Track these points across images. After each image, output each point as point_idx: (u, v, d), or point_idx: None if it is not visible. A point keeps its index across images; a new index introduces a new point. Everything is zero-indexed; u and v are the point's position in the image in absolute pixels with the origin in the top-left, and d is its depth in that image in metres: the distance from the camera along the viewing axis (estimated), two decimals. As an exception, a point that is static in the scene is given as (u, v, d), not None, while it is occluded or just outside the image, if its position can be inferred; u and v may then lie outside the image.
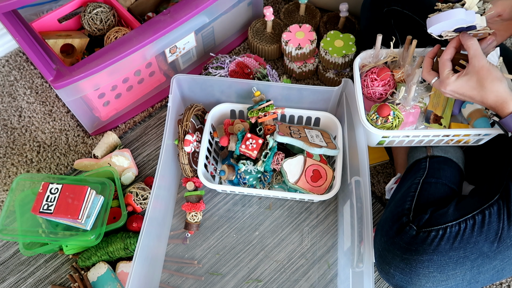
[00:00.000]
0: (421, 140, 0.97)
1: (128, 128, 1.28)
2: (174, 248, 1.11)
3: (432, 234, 0.84)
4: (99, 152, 1.18)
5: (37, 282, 1.07)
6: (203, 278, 1.07)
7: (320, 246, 1.11)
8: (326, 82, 1.33)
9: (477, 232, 0.83)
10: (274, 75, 1.27)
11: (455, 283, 0.83)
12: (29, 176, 1.10)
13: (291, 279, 1.07)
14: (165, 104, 1.32)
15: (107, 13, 1.23)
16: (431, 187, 0.95)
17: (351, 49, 1.23)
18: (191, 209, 1.09)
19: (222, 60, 1.28)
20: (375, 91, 0.98)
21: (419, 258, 0.83)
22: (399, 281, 0.86)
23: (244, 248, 1.11)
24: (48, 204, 0.96)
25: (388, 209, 0.97)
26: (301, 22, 1.38)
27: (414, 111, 0.96)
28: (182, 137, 1.06)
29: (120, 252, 1.04)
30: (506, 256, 0.83)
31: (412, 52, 0.95)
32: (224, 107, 1.14)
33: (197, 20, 1.15)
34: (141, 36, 1.09)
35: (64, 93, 1.07)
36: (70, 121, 1.29)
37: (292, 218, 1.14)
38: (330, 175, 1.07)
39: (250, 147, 1.05)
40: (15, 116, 1.29)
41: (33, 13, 1.36)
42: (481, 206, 0.85)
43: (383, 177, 1.20)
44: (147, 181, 1.17)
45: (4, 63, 1.38)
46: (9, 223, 1.02)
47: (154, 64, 1.23)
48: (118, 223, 1.04)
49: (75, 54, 1.25)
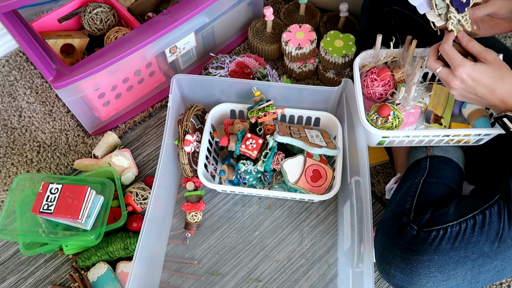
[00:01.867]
0: (421, 140, 0.97)
1: (128, 128, 1.28)
2: (174, 248, 1.11)
3: (433, 234, 0.84)
4: (99, 152, 1.18)
5: (37, 282, 1.07)
6: (203, 278, 1.07)
7: (320, 246, 1.11)
8: (326, 82, 1.33)
9: (478, 232, 0.83)
10: (274, 75, 1.27)
11: (456, 283, 0.83)
12: (29, 176, 1.10)
13: (291, 279, 1.07)
14: (165, 104, 1.32)
15: (107, 13, 1.23)
16: (431, 187, 0.95)
17: (351, 49, 1.23)
18: (191, 209, 1.08)
19: (222, 60, 1.28)
20: (375, 91, 0.98)
21: (420, 258, 0.83)
22: (400, 281, 0.86)
23: (244, 248, 1.11)
24: (48, 204, 0.96)
25: (388, 209, 0.97)
26: (301, 22, 1.38)
27: (414, 111, 0.96)
28: (182, 137, 1.06)
29: (120, 252, 1.04)
30: (506, 256, 0.83)
31: (412, 52, 0.95)
32: (224, 107, 1.14)
33: (197, 20, 1.15)
34: (141, 36, 1.09)
35: (64, 93, 1.07)
36: (70, 121, 1.29)
37: (292, 218, 1.14)
38: (330, 175, 1.07)
39: (250, 147, 1.05)
40: (15, 116, 1.29)
41: (33, 13, 1.36)
42: (482, 206, 0.85)
43: (383, 177, 1.20)
44: (147, 181, 1.17)
45: (4, 63, 1.38)
46: (9, 223, 1.02)
47: (154, 64, 1.23)
48: (118, 223, 1.04)
49: (75, 54, 1.25)
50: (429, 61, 0.87)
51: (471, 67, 0.80)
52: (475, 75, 0.81)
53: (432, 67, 0.86)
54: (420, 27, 1.10)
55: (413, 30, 1.09)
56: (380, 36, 0.95)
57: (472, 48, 0.83)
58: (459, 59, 0.81)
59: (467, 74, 0.81)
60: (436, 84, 1.01)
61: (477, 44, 0.82)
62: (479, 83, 0.81)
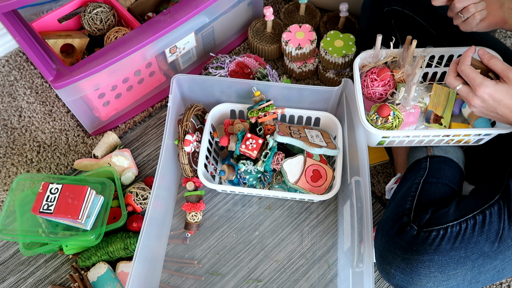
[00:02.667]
0: (421, 140, 0.97)
1: (128, 128, 1.28)
2: (174, 248, 1.11)
3: (433, 234, 0.84)
4: (99, 152, 1.18)
5: (37, 282, 1.07)
6: (203, 278, 1.07)
7: (320, 246, 1.11)
8: (326, 82, 1.33)
9: (478, 232, 0.83)
10: (274, 75, 1.27)
11: (456, 283, 0.83)
12: (29, 176, 1.10)
13: (291, 279, 1.07)
14: (165, 104, 1.32)
15: (107, 13, 1.23)
16: (431, 187, 0.95)
17: (351, 49, 1.23)
18: (191, 209, 1.08)
19: (222, 60, 1.28)
20: (375, 91, 0.98)
21: (420, 258, 0.83)
22: (400, 281, 0.86)
23: (244, 248, 1.11)
24: (48, 204, 0.96)
25: (388, 209, 0.97)
26: (301, 22, 1.38)
27: (414, 111, 0.96)
28: (182, 137, 1.06)
29: (120, 252, 1.04)
30: (507, 256, 0.83)
31: (412, 52, 0.95)
32: (224, 107, 1.14)
33: (197, 20, 1.15)
34: (141, 36, 1.09)
35: (64, 93, 1.07)
36: (70, 121, 1.29)
37: (292, 218, 1.14)
38: (330, 175, 1.07)
39: (250, 147, 1.05)
40: (15, 116, 1.29)
41: (33, 13, 1.36)
42: (482, 206, 0.85)
43: (383, 177, 1.20)
44: (147, 181, 1.17)
45: (4, 63, 1.38)
46: (9, 223, 1.02)
47: (154, 64, 1.23)
48: (118, 223, 1.04)
49: (75, 54, 1.25)
50: (449, 78, 0.84)
51: (492, 87, 0.78)
52: (496, 96, 0.78)
53: (452, 84, 0.83)
54: (420, 27, 1.10)
55: (413, 30, 1.09)
56: (380, 36, 0.95)
57: (494, 65, 0.80)
58: (479, 79, 0.78)
59: (488, 94, 0.78)
60: (436, 84, 1.01)
61: (500, 62, 0.79)
62: (501, 103, 0.79)
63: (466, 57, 0.81)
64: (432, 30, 1.09)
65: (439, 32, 1.08)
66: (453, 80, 0.83)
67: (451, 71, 0.84)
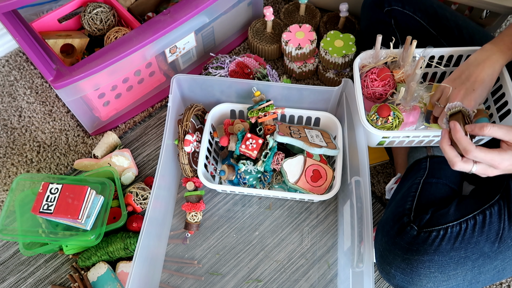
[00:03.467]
0: (421, 140, 0.97)
1: (128, 128, 1.28)
2: (174, 248, 1.11)
3: (433, 234, 0.84)
4: (99, 152, 1.18)
5: (37, 282, 1.07)
6: (203, 278, 1.07)
7: (320, 246, 1.11)
8: (326, 82, 1.33)
9: (478, 232, 0.83)
10: (274, 75, 1.27)
11: (456, 283, 0.83)
12: (29, 176, 1.10)
13: (291, 279, 1.07)
14: (165, 104, 1.32)
15: (107, 13, 1.23)
16: (431, 187, 0.95)
17: (351, 49, 1.23)
18: (191, 209, 1.08)
19: (222, 60, 1.28)
20: (375, 91, 0.98)
21: (420, 258, 0.83)
22: (400, 281, 0.86)
23: (244, 248, 1.11)
24: (48, 204, 0.96)
25: (388, 209, 0.97)
26: (301, 22, 1.38)
27: (414, 111, 0.96)
28: (182, 137, 1.05)
29: (120, 252, 1.04)
30: (507, 256, 0.83)
31: (412, 52, 0.95)
32: (224, 107, 1.14)
33: (197, 20, 1.15)
34: (141, 36, 1.09)
35: (64, 93, 1.07)
36: (70, 121, 1.29)
37: (292, 218, 1.14)
38: (330, 175, 1.07)
39: (250, 147, 1.05)
40: (15, 116, 1.29)
41: (33, 13, 1.36)
42: (482, 206, 0.86)
43: (383, 177, 1.20)
44: (147, 181, 1.17)
45: (4, 63, 1.38)
46: (9, 223, 1.02)
47: (154, 64, 1.23)
48: (118, 223, 1.04)
49: (75, 54, 1.25)
50: (462, 165, 0.75)
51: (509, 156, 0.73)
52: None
53: (465, 168, 0.76)
54: (420, 27, 1.10)
55: (413, 30, 1.09)
56: (380, 36, 0.95)
57: (494, 133, 0.74)
58: (497, 158, 0.73)
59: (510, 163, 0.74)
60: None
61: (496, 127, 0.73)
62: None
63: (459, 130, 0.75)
64: (432, 30, 1.09)
65: (439, 32, 1.08)
66: (465, 165, 0.75)
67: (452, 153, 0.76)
